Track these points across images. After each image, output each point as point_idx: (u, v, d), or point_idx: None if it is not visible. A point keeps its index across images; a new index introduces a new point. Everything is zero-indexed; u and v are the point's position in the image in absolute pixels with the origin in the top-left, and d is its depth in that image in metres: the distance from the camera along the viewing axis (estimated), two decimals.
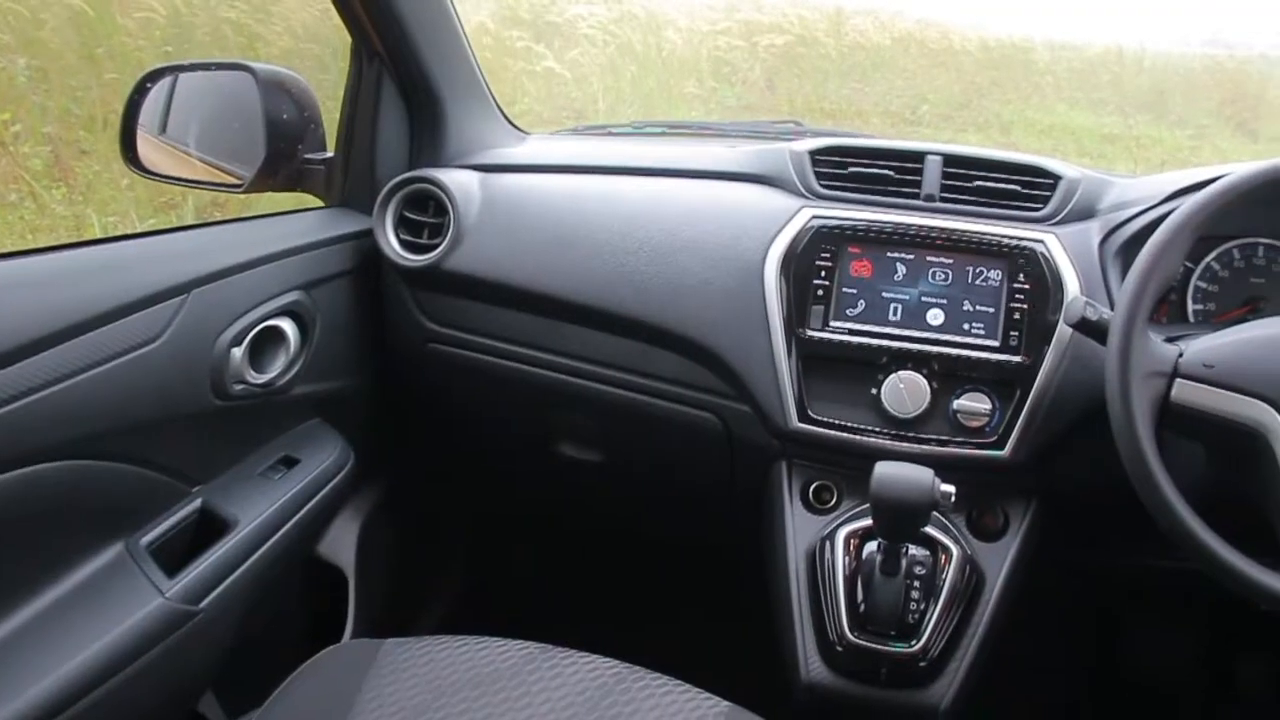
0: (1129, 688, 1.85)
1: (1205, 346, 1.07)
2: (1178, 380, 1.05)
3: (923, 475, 1.10)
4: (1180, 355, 1.06)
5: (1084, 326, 1.12)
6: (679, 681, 1.06)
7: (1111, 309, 1.09)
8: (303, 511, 1.34)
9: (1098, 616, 1.93)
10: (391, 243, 1.46)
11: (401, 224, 1.48)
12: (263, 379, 1.29)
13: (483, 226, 1.45)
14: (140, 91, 1.42)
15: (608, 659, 1.08)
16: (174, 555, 1.19)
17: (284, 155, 1.45)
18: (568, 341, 1.45)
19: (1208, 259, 1.36)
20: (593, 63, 4.81)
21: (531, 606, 1.99)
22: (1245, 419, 1.03)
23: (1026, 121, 5.10)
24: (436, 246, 1.45)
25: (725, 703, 1.04)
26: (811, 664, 1.24)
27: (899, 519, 1.13)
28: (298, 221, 1.45)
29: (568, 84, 4.59)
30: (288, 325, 1.33)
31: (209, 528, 1.24)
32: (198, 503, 1.25)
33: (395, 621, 1.71)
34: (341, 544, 1.55)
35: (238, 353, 1.23)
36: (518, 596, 2.05)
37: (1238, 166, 1.12)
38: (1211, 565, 1.01)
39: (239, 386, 1.25)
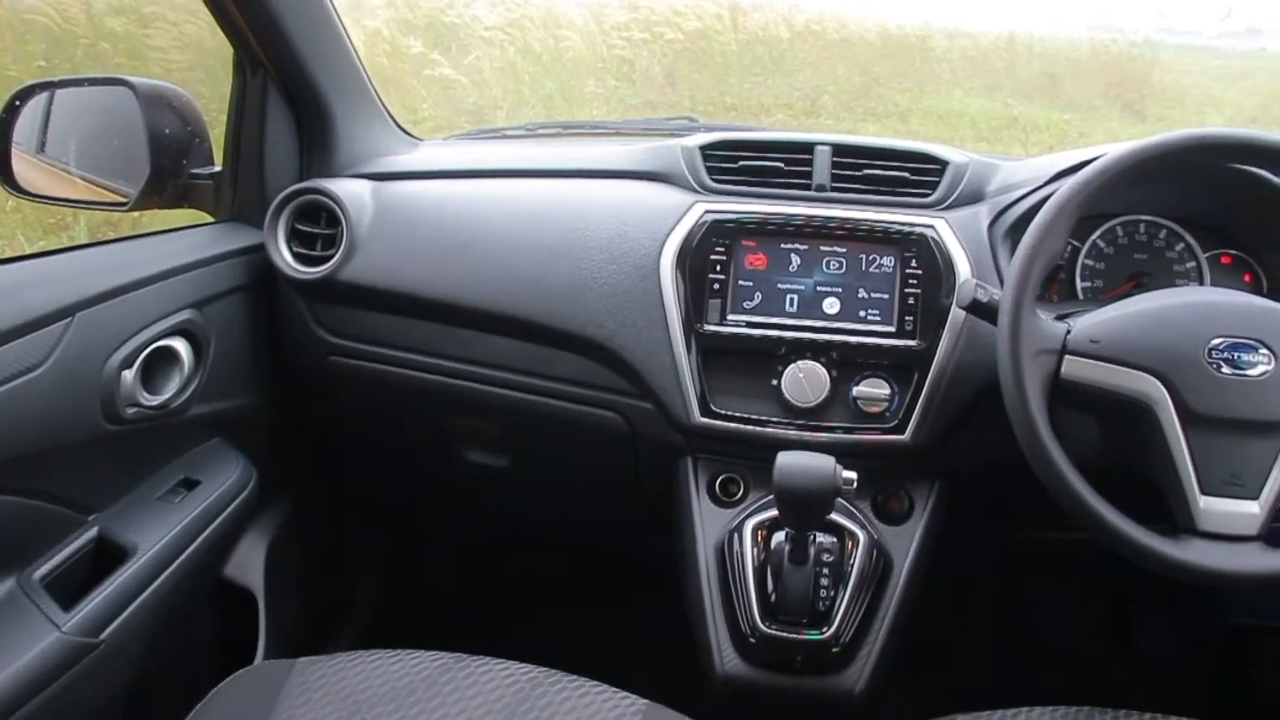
0: (1040, 656, 1.90)
1: (1091, 322, 1.10)
2: (1067, 356, 1.08)
3: (824, 463, 1.11)
4: (1068, 332, 1.09)
5: (975, 308, 1.15)
6: (596, 683, 1.06)
7: (1002, 290, 1.12)
8: (205, 534, 1.32)
9: (1007, 589, 1.97)
10: (284, 256, 1.43)
11: (294, 236, 1.45)
12: (156, 401, 1.25)
13: (376, 236, 1.44)
14: (10, 110, 1.37)
15: (524, 665, 1.07)
16: (70, 587, 1.15)
17: (169, 171, 1.42)
18: (468, 347, 1.44)
19: (1093, 237, 1.40)
20: (492, 66, 4.78)
21: (450, 615, 1.97)
22: (1131, 391, 1.06)
23: (924, 109, 5.21)
24: (330, 258, 1.42)
25: (643, 701, 1.04)
26: (726, 656, 1.25)
27: (803, 508, 1.14)
28: (187, 238, 1.42)
29: (467, 89, 4.55)
30: (181, 345, 1.30)
31: (107, 556, 1.21)
32: (94, 531, 1.21)
33: (310, 640, 1.68)
34: (249, 564, 1.52)
35: (129, 375, 1.20)
36: (435, 605, 2.03)
37: (1113, 147, 1.15)
38: (1104, 533, 1.04)
39: (131, 410, 1.21)
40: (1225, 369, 1.05)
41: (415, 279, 1.42)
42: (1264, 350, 1.05)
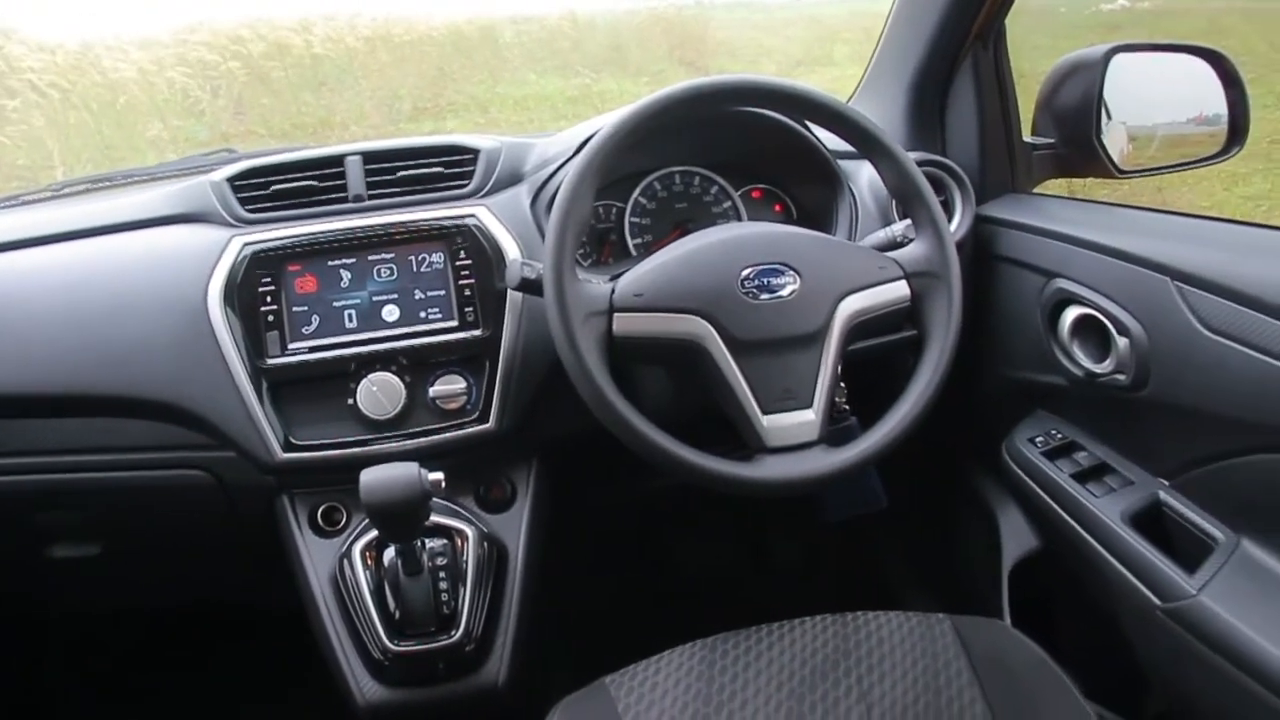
0: (692, 600, 1.99)
1: (633, 277, 1.15)
2: (615, 314, 1.12)
3: (407, 471, 1.10)
4: (614, 291, 1.13)
5: (526, 286, 1.18)
6: None
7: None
8: None
9: (647, 543, 2.06)
10: None
11: None
12: None
13: None
14: None
15: None
16: None
17: None
18: (25, 439, 1.33)
19: (634, 195, 1.47)
20: (41, 120, 4.36)
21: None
22: (680, 334, 1.13)
23: (501, 97, 5.28)
24: None
25: None
26: (365, 685, 1.23)
27: (396, 519, 1.13)
28: None
29: (10, 150, 4.13)
30: None
31: None
32: None
33: None
34: None
35: None
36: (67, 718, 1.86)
37: (617, 112, 1.20)
38: (686, 472, 1.10)
39: None
40: (761, 295, 1.13)
41: None
42: (790, 272, 1.15)
